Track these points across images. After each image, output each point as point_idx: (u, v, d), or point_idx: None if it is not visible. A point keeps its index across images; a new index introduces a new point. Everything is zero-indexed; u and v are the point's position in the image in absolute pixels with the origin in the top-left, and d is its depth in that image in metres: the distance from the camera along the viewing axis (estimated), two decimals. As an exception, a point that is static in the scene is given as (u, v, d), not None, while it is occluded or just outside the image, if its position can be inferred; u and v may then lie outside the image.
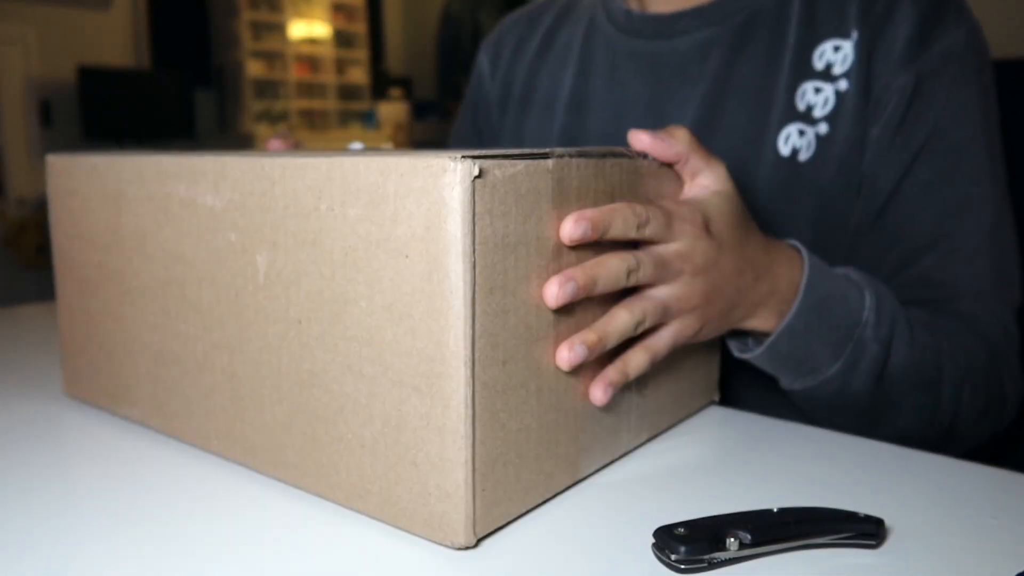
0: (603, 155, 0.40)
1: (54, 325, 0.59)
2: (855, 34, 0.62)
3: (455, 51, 5.90)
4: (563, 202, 0.37)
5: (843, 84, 0.62)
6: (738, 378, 0.65)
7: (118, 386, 0.51)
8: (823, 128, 0.63)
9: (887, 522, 0.38)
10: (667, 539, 0.34)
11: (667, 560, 0.34)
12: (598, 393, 0.41)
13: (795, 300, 0.51)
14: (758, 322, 0.51)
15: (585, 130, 0.75)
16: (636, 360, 0.43)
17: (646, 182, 0.44)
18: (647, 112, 0.71)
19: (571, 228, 0.38)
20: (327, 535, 0.37)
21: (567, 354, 0.39)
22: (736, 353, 0.55)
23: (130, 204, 0.48)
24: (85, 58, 4.62)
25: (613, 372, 0.42)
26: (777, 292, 0.50)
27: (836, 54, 0.62)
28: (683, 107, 0.68)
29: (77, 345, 0.54)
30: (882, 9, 0.62)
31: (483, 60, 0.88)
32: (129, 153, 0.49)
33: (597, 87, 0.74)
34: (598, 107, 0.74)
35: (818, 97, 0.63)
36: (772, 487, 0.42)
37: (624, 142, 0.48)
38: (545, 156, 0.36)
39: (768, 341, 0.51)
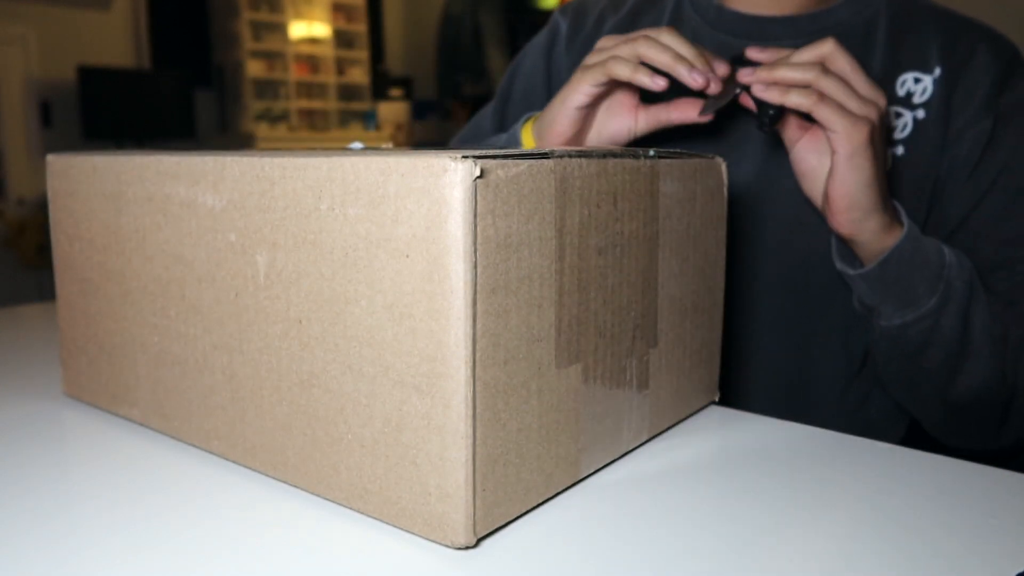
0: (604, 155, 0.40)
1: (54, 325, 0.59)
2: (938, 71, 0.67)
3: (455, 51, 5.90)
4: (566, 202, 0.37)
5: (921, 113, 0.67)
6: (738, 378, 0.66)
7: (118, 386, 0.51)
8: (900, 149, 0.67)
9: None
10: None
11: None
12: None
13: (902, 229, 0.59)
14: (874, 227, 0.58)
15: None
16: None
17: (649, 182, 0.44)
18: (724, 107, 0.71)
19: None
20: (327, 535, 0.37)
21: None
22: (850, 271, 0.62)
23: (130, 204, 0.48)
24: (85, 58, 4.62)
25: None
26: (888, 215, 0.59)
27: (916, 85, 0.67)
28: None
29: (77, 345, 0.54)
30: (963, 51, 0.67)
31: (562, 23, 0.86)
32: (129, 153, 0.49)
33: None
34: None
35: (898, 121, 0.68)
36: (772, 487, 0.42)
37: (697, 131, 0.61)
38: (546, 156, 0.36)
39: (883, 256, 0.58)
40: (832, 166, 0.56)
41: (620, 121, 0.64)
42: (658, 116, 0.64)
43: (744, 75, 0.59)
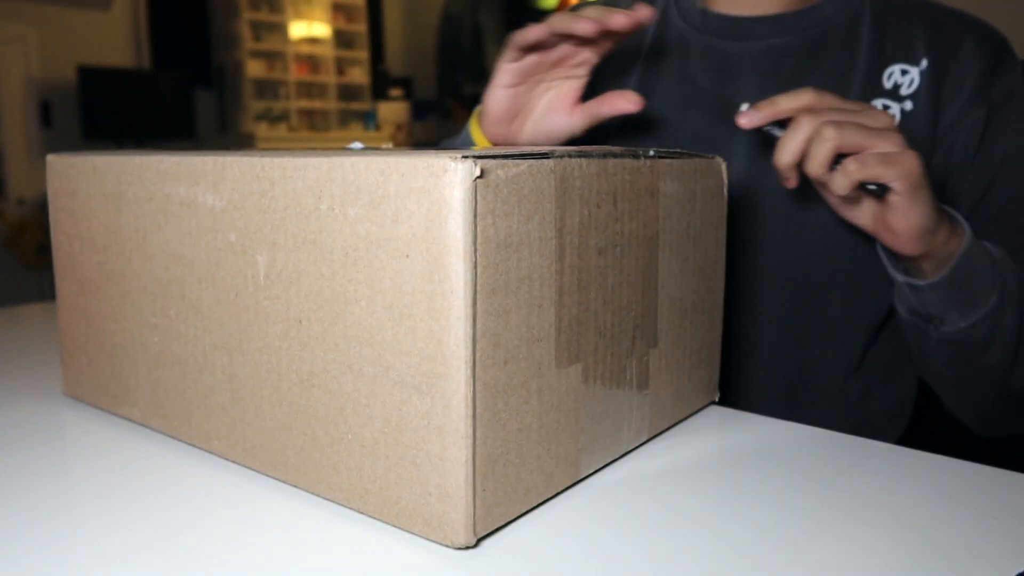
0: (604, 155, 0.40)
1: (54, 325, 0.59)
2: (925, 62, 0.67)
3: (455, 51, 5.90)
4: (566, 202, 0.37)
5: (908, 104, 0.67)
6: (738, 378, 0.65)
7: (118, 386, 0.51)
8: None
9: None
10: None
11: None
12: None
13: (964, 231, 0.57)
14: (944, 236, 0.56)
15: (650, 119, 0.76)
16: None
17: (649, 182, 0.44)
18: (715, 107, 0.72)
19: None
20: (327, 535, 0.37)
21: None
22: (920, 283, 0.59)
23: (130, 204, 0.48)
24: (85, 58, 4.62)
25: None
26: (947, 219, 0.57)
27: (903, 77, 0.67)
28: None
29: (77, 345, 0.54)
30: (949, 43, 0.67)
31: None
32: (129, 153, 0.49)
33: (665, 79, 0.75)
34: (665, 99, 0.75)
35: None
36: (772, 487, 0.42)
37: (688, 133, 0.58)
38: (546, 156, 0.36)
39: (954, 262, 0.57)
40: (891, 205, 0.54)
41: (558, 118, 0.63)
42: (591, 111, 0.62)
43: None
